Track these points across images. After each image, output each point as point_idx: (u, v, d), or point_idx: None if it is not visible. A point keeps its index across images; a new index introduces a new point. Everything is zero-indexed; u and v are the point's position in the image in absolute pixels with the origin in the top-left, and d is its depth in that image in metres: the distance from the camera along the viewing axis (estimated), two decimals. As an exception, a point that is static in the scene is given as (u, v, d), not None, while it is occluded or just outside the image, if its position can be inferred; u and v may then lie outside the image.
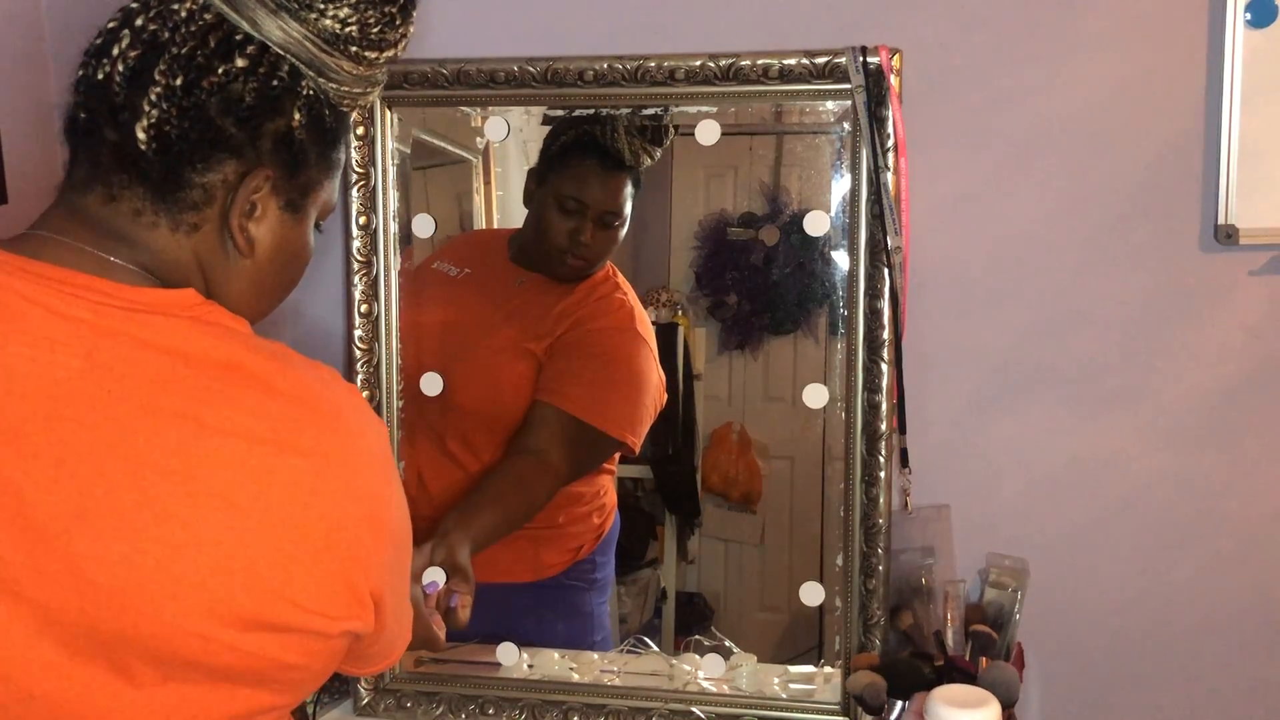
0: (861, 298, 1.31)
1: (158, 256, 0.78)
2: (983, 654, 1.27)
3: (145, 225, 0.78)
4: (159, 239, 0.78)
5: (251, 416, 0.72)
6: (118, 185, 0.77)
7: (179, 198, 0.77)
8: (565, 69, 1.33)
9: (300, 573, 0.73)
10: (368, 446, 0.78)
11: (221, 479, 0.71)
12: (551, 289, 1.44)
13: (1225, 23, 1.24)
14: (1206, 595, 1.35)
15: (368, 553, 0.77)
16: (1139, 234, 1.31)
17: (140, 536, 0.69)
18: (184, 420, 0.71)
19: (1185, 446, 1.34)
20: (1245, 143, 1.25)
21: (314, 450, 0.74)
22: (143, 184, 0.77)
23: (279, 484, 0.72)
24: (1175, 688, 1.37)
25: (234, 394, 0.73)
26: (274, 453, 0.72)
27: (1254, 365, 1.31)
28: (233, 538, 0.71)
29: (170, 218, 0.78)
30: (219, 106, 0.76)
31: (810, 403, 1.35)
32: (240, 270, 0.82)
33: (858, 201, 1.30)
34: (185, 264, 0.79)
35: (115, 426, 0.70)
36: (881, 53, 1.26)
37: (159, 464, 0.70)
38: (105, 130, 0.76)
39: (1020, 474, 1.37)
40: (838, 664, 1.36)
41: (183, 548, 0.70)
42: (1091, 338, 1.34)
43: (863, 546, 1.33)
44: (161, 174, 0.76)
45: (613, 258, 1.44)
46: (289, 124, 0.79)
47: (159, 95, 0.75)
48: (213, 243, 0.80)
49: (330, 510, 0.74)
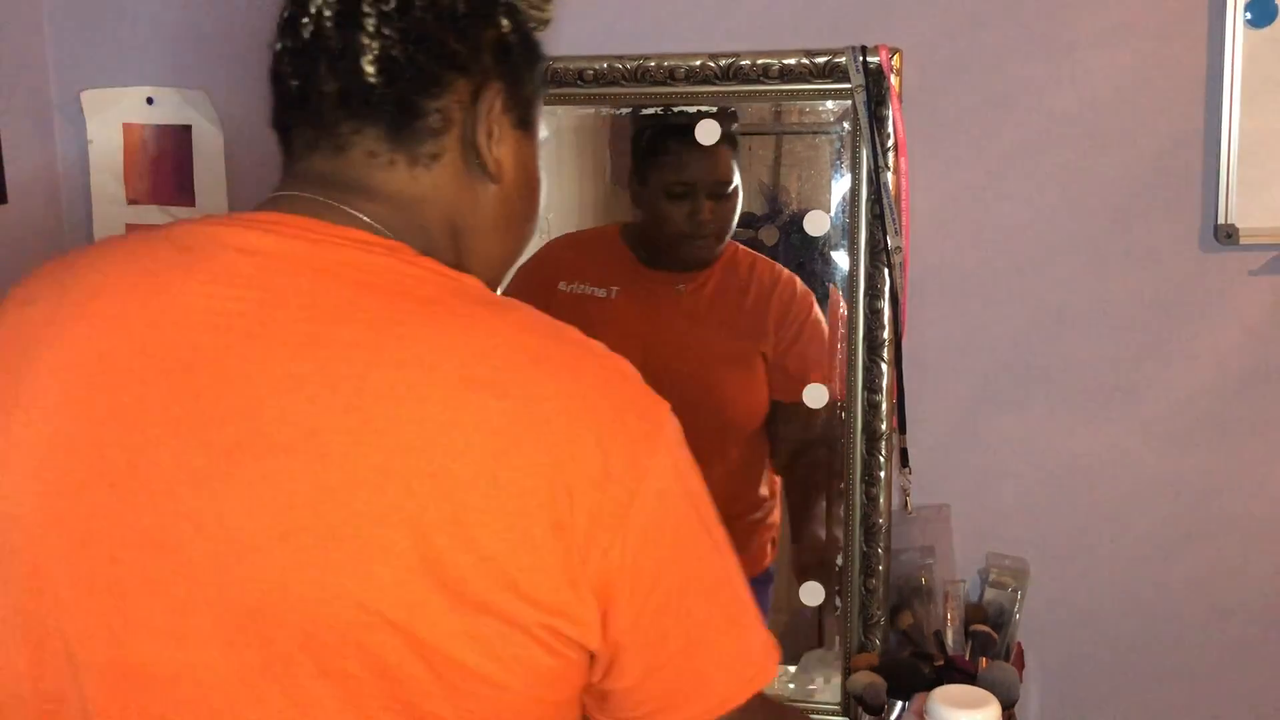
0: (861, 298, 1.31)
1: (397, 199, 0.73)
2: (983, 654, 1.27)
3: (381, 166, 0.73)
4: (396, 179, 0.73)
5: (451, 351, 0.64)
6: (347, 133, 0.73)
7: (416, 127, 0.73)
8: (565, 69, 1.33)
9: (498, 531, 0.62)
10: (632, 398, 0.67)
11: (402, 414, 0.62)
12: (710, 282, 1.41)
13: (1225, 22, 1.24)
14: (1206, 595, 1.35)
15: (600, 530, 0.63)
16: (1139, 234, 1.31)
17: (297, 476, 0.62)
18: (358, 350, 0.64)
19: (1185, 446, 1.33)
20: (1245, 142, 1.25)
21: (538, 395, 0.64)
22: (375, 123, 0.73)
23: (484, 428, 0.62)
24: (1175, 688, 1.37)
25: (429, 328, 0.65)
26: (479, 392, 0.63)
27: (1254, 365, 1.31)
28: (416, 486, 0.62)
29: (408, 152, 0.73)
30: (436, 22, 0.73)
31: (810, 403, 1.35)
32: (489, 199, 0.77)
33: (858, 201, 1.30)
34: (429, 201, 0.74)
35: (281, 361, 0.64)
36: (881, 52, 1.26)
37: (331, 396, 0.63)
38: (324, 85, 0.73)
39: (1020, 474, 1.37)
40: (838, 664, 1.36)
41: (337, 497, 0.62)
42: (1091, 338, 1.34)
43: (863, 546, 1.33)
44: (396, 106, 0.73)
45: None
46: (501, 31, 0.76)
47: (375, 25, 0.72)
48: (455, 172, 0.75)
49: (542, 463, 0.63)
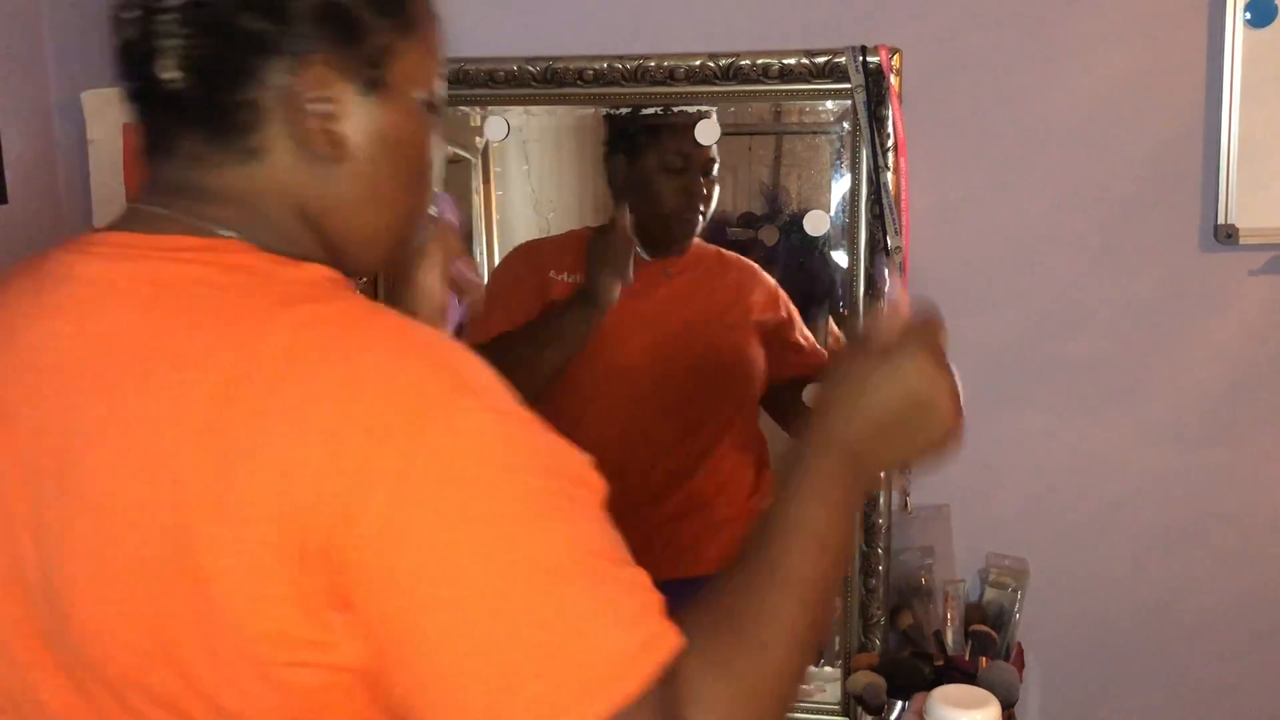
0: (861, 298, 1.31)
1: (237, 197, 0.69)
2: (983, 654, 1.27)
3: (211, 167, 0.69)
4: (230, 177, 0.69)
5: (213, 370, 0.60)
6: (173, 137, 0.69)
7: (230, 124, 0.68)
8: (565, 69, 1.33)
9: (228, 565, 0.58)
10: (396, 395, 0.60)
11: (164, 449, 0.60)
12: (691, 266, 1.44)
13: (1225, 22, 1.24)
14: (1207, 595, 1.35)
15: (336, 545, 0.57)
16: (1139, 234, 1.31)
17: (90, 517, 0.62)
18: (131, 386, 0.62)
19: (1185, 446, 1.33)
20: (1245, 142, 1.25)
21: (270, 408, 0.59)
22: (192, 124, 0.69)
23: (221, 452, 0.59)
24: (1175, 688, 1.37)
25: (194, 351, 0.61)
26: (228, 416, 0.59)
27: (1254, 365, 1.31)
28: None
29: (231, 149, 0.69)
30: (234, 5, 0.67)
31: (811, 402, 1.35)
32: (341, 179, 0.71)
33: (858, 201, 1.30)
34: (267, 194, 0.70)
35: (86, 404, 0.63)
36: (881, 52, 1.26)
37: (115, 432, 0.61)
38: (139, 85, 0.69)
39: (1020, 474, 1.37)
40: (838, 664, 1.36)
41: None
42: (1091, 337, 1.34)
43: (863, 546, 1.33)
44: (205, 105, 0.68)
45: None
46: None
47: (170, 21, 0.67)
48: (291, 161, 0.70)
49: (271, 483, 0.58)
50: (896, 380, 0.76)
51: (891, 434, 0.76)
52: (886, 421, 0.76)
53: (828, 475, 0.74)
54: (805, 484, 0.73)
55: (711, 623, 0.64)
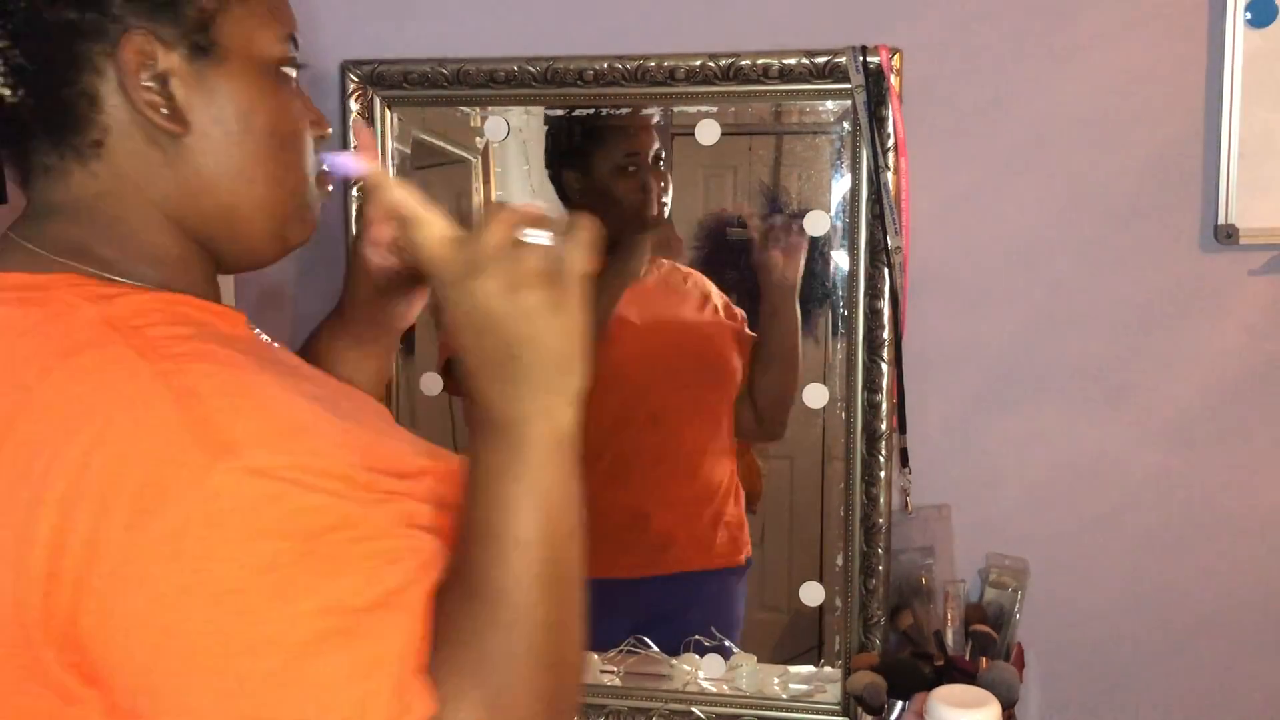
0: (861, 298, 1.31)
1: (80, 206, 0.68)
2: (983, 654, 1.27)
3: (59, 177, 0.68)
4: (75, 184, 0.68)
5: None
6: (19, 159, 0.69)
7: (70, 123, 0.67)
8: (565, 69, 1.33)
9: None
10: (135, 444, 0.57)
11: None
12: (657, 268, 1.44)
13: (1225, 22, 1.24)
14: (1206, 595, 1.35)
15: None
16: (1139, 234, 1.31)
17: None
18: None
19: (1185, 446, 1.33)
20: (1245, 142, 1.25)
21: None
22: (34, 135, 0.68)
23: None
24: (1175, 688, 1.37)
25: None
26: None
27: (1254, 365, 1.31)
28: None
29: (74, 151, 0.68)
30: (44, 1, 0.65)
31: (810, 403, 1.35)
32: (193, 156, 0.69)
33: (858, 201, 1.30)
34: (114, 193, 0.68)
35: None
36: (881, 53, 1.26)
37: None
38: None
39: (1020, 474, 1.37)
40: (838, 664, 1.36)
41: None
42: (1091, 338, 1.34)
43: (863, 546, 1.33)
44: (43, 111, 0.67)
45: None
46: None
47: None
48: (132, 146, 0.68)
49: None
50: (456, 320, 0.64)
51: (508, 370, 0.63)
52: (491, 365, 0.63)
53: (487, 462, 0.64)
54: (475, 479, 0.64)
55: (448, 662, 0.59)
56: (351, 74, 1.38)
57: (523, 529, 0.62)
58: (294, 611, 0.56)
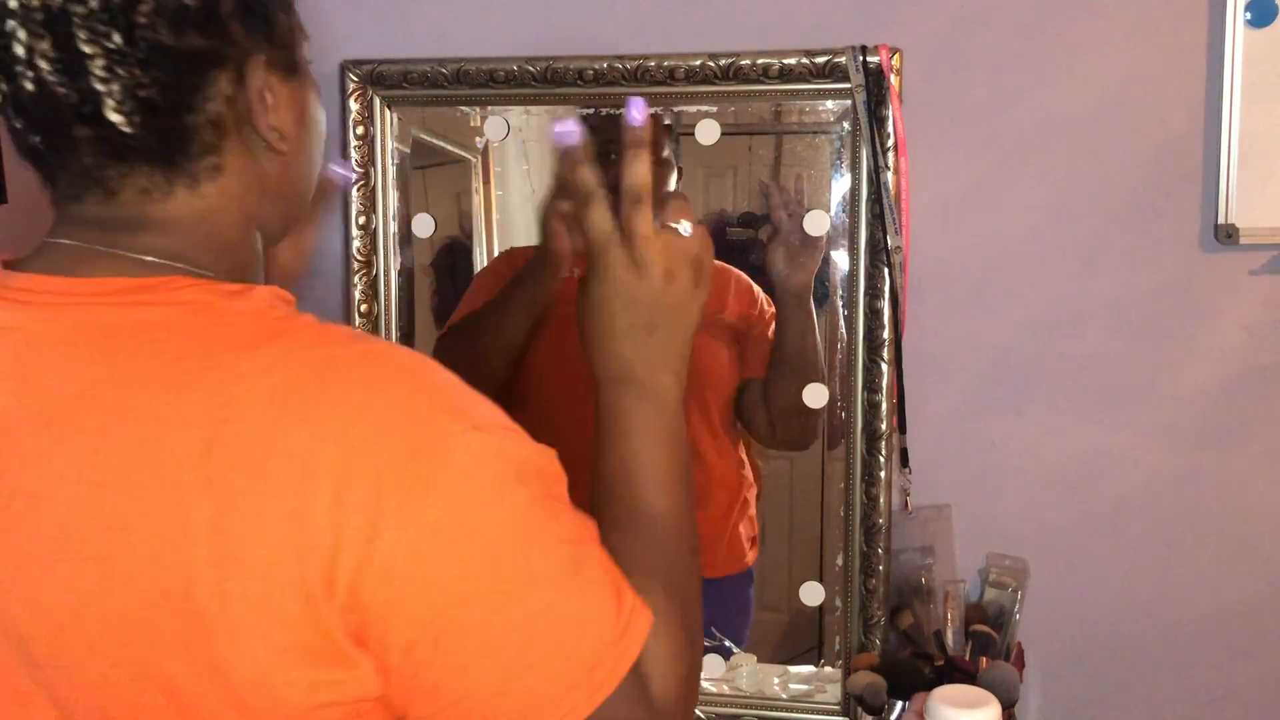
0: (861, 298, 1.31)
1: (182, 223, 0.67)
2: (983, 654, 1.27)
3: (160, 199, 0.67)
4: (178, 204, 0.67)
5: (192, 421, 0.59)
6: (114, 179, 0.66)
7: (190, 151, 0.67)
8: (565, 69, 1.33)
9: (245, 616, 0.58)
10: (402, 427, 0.60)
11: (145, 504, 0.59)
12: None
13: (1225, 22, 1.24)
14: (1206, 595, 1.35)
15: (354, 585, 0.58)
16: (1139, 234, 1.31)
17: (64, 585, 0.60)
18: (104, 437, 0.60)
19: (1185, 446, 1.33)
20: (1245, 142, 1.25)
21: (273, 448, 0.58)
22: (145, 161, 0.66)
23: (223, 503, 0.58)
24: (1175, 688, 1.37)
25: (172, 398, 0.60)
26: (217, 461, 0.58)
27: (1254, 365, 1.31)
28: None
29: (187, 175, 0.67)
30: (170, 32, 0.63)
31: (810, 402, 1.35)
32: (277, 166, 0.72)
33: (858, 201, 1.30)
34: (220, 210, 0.69)
35: (42, 459, 0.60)
36: (881, 52, 1.26)
37: (82, 491, 0.60)
38: (75, 132, 0.64)
39: (1020, 474, 1.37)
40: (838, 664, 1.36)
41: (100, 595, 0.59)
42: (1091, 337, 1.34)
43: (863, 546, 1.33)
44: (161, 139, 0.65)
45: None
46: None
47: (105, 67, 0.62)
48: (241, 165, 0.69)
49: (281, 530, 0.58)
50: (609, 293, 0.78)
51: (650, 339, 0.78)
52: (637, 332, 0.78)
53: (626, 412, 0.77)
54: (613, 427, 0.77)
55: (635, 587, 0.67)
56: (351, 74, 1.38)
57: (666, 467, 0.76)
58: (545, 545, 0.62)
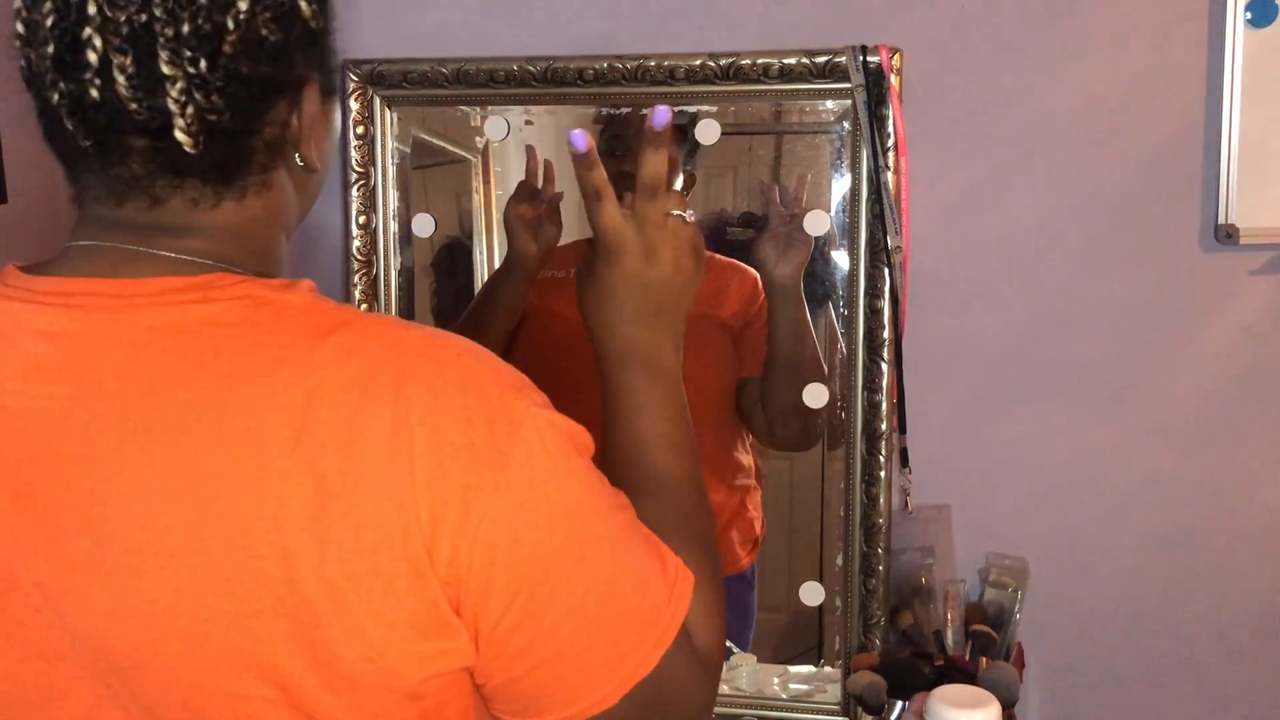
0: (861, 298, 1.31)
1: (223, 230, 0.68)
2: (983, 654, 1.27)
3: (206, 209, 0.68)
4: (223, 216, 0.68)
5: (277, 411, 0.60)
6: (163, 189, 0.66)
7: (243, 169, 0.68)
8: (565, 69, 1.33)
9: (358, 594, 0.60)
10: (477, 405, 0.62)
11: (236, 495, 0.60)
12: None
13: (1225, 22, 1.24)
14: (1206, 595, 1.35)
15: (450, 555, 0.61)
16: (1139, 234, 1.31)
17: (151, 583, 0.61)
18: (181, 432, 0.61)
19: (1185, 446, 1.33)
20: (1245, 142, 1.25)
21: (361, 434, 0.60)
22: (198, 177, 0.67)
23: (319, 487, 0.60)
24: (1175, 687, 1.37)
25: (251, 389, 0.61)
26: (309, 449, 0.60)
27: (1254, 365, 1.31)
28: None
29: (235, 191, 0.68)
30: (249, 62, 0.65)
31: (810, 402, 1.35)
32: (311, 182, 0.75)
33: (858, 201, 1.30)
34: (260, 221, 0.70)
35: (109, 457, 0.61)
36: (881, 52, 1.26)
37: (165, 488, 0.60)
38: (130, 141, 0.65)
39: (1020, 474, 1.37)
40: (838, 664, 1.36)
41: (190, 586, 0.60)
42: (1091, 337, 1.34)
43: (863, 546, 1.33)
44: (220, 160, 0.67)
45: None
46: (305, 22, 0.68)
47: (183, 90, 0.63)
48: (278, 188, 0.71)
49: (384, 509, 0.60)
50: (619, 280, 0.82)
51: (657, 319, 0.83)
52: (645, 314, 0.83)
53: (637, 388, 0.82)
54: (625, 402, 0.82)
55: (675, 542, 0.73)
56: (351, 74, 1.38)
57: (678, 434, 0.81)
58: (604, 512, 0.67)
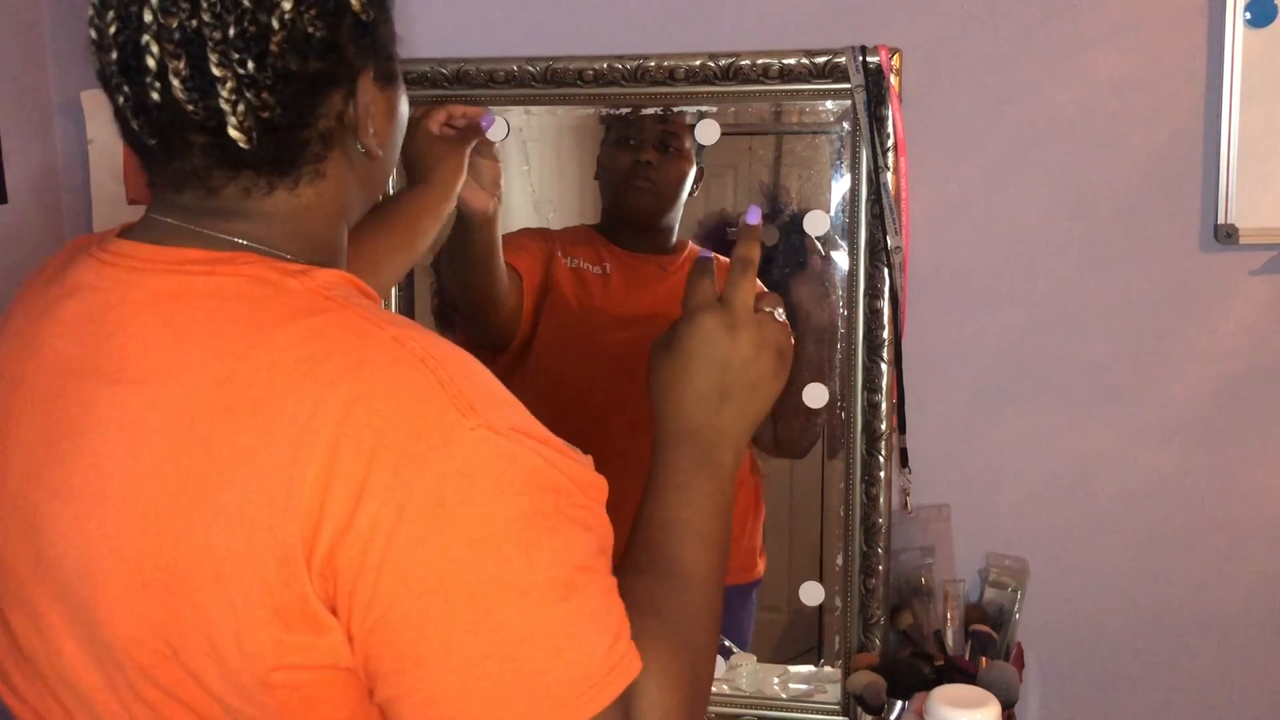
0: (861, 298, 1.31)
1: (276, 216, 0.71)
2: (983, 654, 1.27)
3: (259, 197, 0.70)
4: (276, 201, 0.71)
5: (228, 381, 0.62)
6: (219, 180, 0.69)
7: (297, 160, 0.70)
8: (565, 69, 1.33)
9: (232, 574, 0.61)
10: (408, 412, 0.61)
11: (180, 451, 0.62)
12: (685, 265, 1.42)
13: (1225, 22, 1.24)
14: (1206, 595, 1.35)
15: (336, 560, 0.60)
16: (1139, 234, 1.31)
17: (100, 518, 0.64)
18: (163, 388, 0.63)
19: (1185, 446, 1.33)
20: (1245, 142, 1.25)
21: (278, 415, 0.61)
22: (253, 170, 0.69)
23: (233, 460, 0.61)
24: (1175, 688, 1.37)
25: (215, 361, 0.63)
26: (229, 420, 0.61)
27: (1254, 365, 1.31)
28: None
29: (288, 180, 0.71)
30: (297, 59, 0.67)
31: (810, 402, 1.35)
32: (376, 170, 0.76)
33: (857, 201, 1.30)
34: (314, 209, 0.72)
35: (110, 400, 0.65)
36: (881, 53, 1.26)
37: (122, 435, 0.64)
38: (190, 137, 0.68)
39: (1020, 474, 1.37)
40: (838, 664, 1.36)
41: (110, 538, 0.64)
42: (1091, 338, 1.34)
43: (863, 546, 1.33)
44: (274, 154, 0.69)
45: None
46: (355, 15, 0.70)
47: (234, 89, 0.66)
48: (340, 172, 0.73)
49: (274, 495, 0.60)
50: (695, 351, 0.80)
51: (723, 406, 0.80)
52: (712, 397, 0.80)
53: (684, 469, 0.78)
54: (668, 479, 0.78)
55: (645, 631, 0.66)
56: (351, 74, 1.38)
57: (711, 529, 0.76)
58: (534, 560, 0.61)
